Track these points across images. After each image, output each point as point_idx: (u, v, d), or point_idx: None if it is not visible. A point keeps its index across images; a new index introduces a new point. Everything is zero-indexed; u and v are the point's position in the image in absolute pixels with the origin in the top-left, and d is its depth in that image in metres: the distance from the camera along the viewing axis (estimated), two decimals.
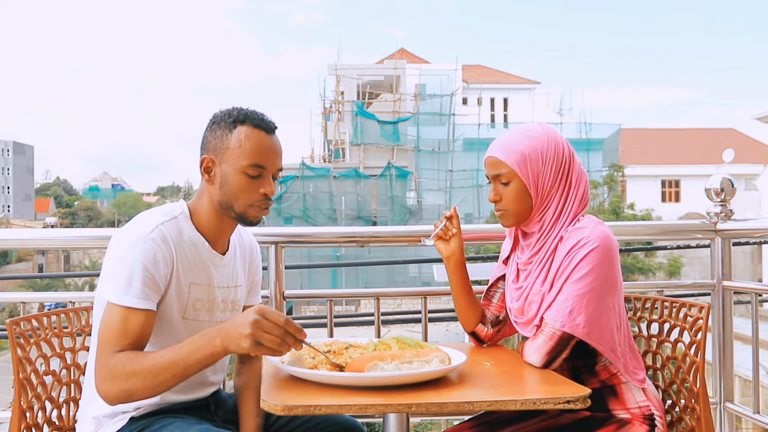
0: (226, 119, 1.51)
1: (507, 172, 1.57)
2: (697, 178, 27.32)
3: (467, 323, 1.73)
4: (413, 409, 1.17)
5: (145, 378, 1.31)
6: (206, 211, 1.54)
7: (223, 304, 1.58)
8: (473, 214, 23.34)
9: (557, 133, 1.60)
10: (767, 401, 7.01)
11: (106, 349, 1.35)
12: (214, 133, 1.52)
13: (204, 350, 1.29)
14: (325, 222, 22.34)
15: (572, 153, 1.60)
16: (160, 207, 1.54)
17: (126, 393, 1.32)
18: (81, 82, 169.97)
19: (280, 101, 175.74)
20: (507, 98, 28.79)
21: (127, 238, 1.42)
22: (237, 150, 1.48)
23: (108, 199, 64.92)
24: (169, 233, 1.46)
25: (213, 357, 1.30)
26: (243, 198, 1.50)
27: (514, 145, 1.57)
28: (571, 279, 1.48)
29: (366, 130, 24.02)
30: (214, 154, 1.51)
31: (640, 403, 1.51)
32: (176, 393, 1.51)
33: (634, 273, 14.98)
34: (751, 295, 2.19)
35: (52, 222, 42.24)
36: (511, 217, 1.60)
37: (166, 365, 1.30)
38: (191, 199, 1.58)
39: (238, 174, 1.49)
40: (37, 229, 2.96)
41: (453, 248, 1.72)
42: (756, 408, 2.12)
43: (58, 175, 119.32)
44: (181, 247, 1.48)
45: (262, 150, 1.50)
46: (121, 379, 1.32)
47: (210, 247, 1.54)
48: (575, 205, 1.57)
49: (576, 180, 1.58)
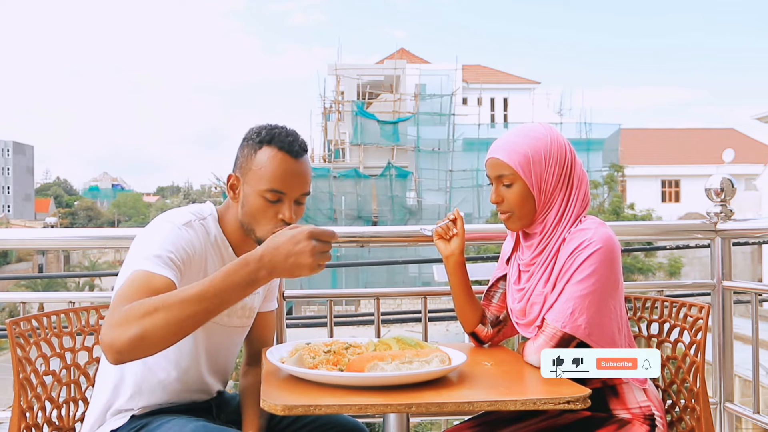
0: (254, 138, 1.48)
1: (510, 174, 1.55)
2: (697, 178, 27.30)
3: (467, 324, 1.73)
4: (413, 409, 1.17)
5: (168, 312, 1.14)
6: (232, 222, 1.54)
7: (242, 310, 1.59)
8: (473, 214, 23.33)
9: (559, 133, 1.59)
10: (767, 401, 7.01)
11: (120, 302, 1.19)
12: (243, 150, 1.50)
13: (244, 280, 1.17)
14: (325, 222, 22.33)
15: (574, 154, 1.59)
16: (188, 206, 1.53)
17: (140, 336, 1.13)
18: (81, 82, 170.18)
19: (280, 101, 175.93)
20: (507, 98, 28.78)
21: (158, 225, 1.42)
22: (258, 172, 1.45)
23: (108, 199, 64.94)
24: (199, 231, 1.46)
25: (254, 287, 1.19)
26: (263, 222, 1.47)
27: (517, 146, 1.55)
28: (573, 280, 1.47)
29: (366, 130, 24.01)
30: (240, 173, 1.50)
31: (641, 403, 1.51)
32: (177, 395, 1.52)
33: (634, 273, 14.98)
34: (751, 295, 2.19)
35: (52, 222, 42.22)
36: (517, 220, 1.59)
37: (197, 297, 1.15)
38: (220, 205, 1.58)
39: (257, 197, 1.46)
40: (37, 229, 2.96)
41: (453, 248, 1.71)
42: (756, 408, 2.12)
43: (58, 175, 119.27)
44: (206, 249, 1.48)
45: (283, 175, 1.45)
46: (136, 318, 1.14)
47: (233, 253, 1.54)
48: (577, 206, 1.56)
49: (578, 181, 1.58)
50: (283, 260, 1.19)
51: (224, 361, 1.63)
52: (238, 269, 1.18)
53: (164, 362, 1.50)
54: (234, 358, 1.68)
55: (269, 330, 1.75)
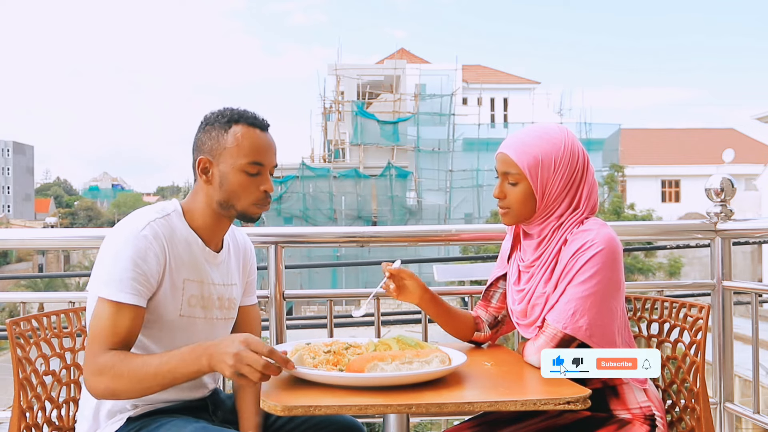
0: (219, 120, 1.53)
1: (516, 173, 1.55)
2: (697, 178, 27.29)
3: (462, 336, 1.72)
4: (413, 409, 1.18)
5: (131, 381, 1.34)
6: (201, 210, 1.55)
7: (219, 301, 1.59)
8: (473, 214, 23.34)
9: (575, 139, 1.57)
10: (767, 401, 7.01)
11: (95, 346, 1.38)
12: (209, 134, 1.53)
13: (191, 366, 1.32)
14: (325, 222, 22.33)
15: (587, 161, 1.56)
16: (153, 205, 1.55)
17: (111, 391, 1.36)
18: (81, 82, 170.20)
19: (280, 101, 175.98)
20: (507, 98, 28.77)
21: (119, 234, 1.44)
22: (234, 149, 1.50)
23: (108, 199, 64.90)
24: (162, 230, 1.47)
25: (199, 373, 1.33)
26: (244, 196, 1.52)
27: (529, 146, 1.54)
28: (575, 281, 1.47)
29: (366, 130, 24.01)
30: (211, 155, 1.52)
31: (641, 403, 1.51)
32: (172, 393, 1.51)
33: (634, 273, 14.98)
34: (751, 295, 2.19)
35: (52, 222, 42.23)
36: (514, 216, 1.59)
37: (152, 374, 1.33)
38: (184, 199, 1.58)
39: (238, 173, 1.50)
40: (37, 229, 2.96)
41: (414, 293, 1.65)
42: (756, 408, 2.12)
43: (58, 175, 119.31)
44: (174, 244, 1.49)
45: (260, 147, 1.52)
46: (108, 377, 1.35)
47: (203, 245, 1.55)
48: (584, 212, 1.55)
49: (588, 190, 1.56)
50: (217, 352, 1.28)
51: None
52: (186, 355, 1.32)
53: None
54: None
55: (254, 324, 1.74)
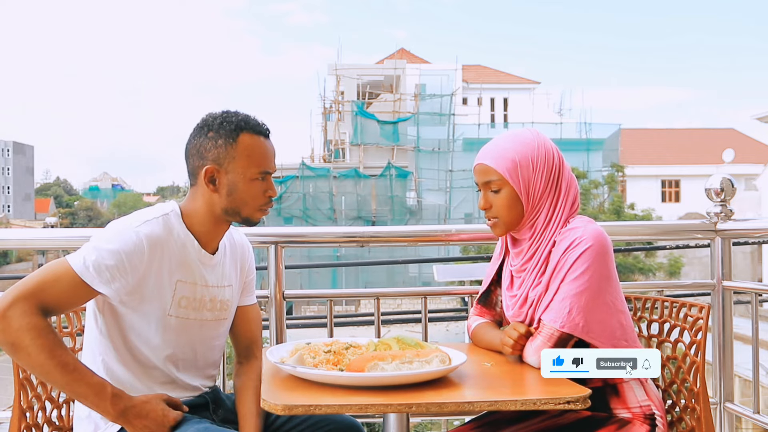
0: (225, 127, 1.52)
1: (497, 179, 1.56)
2: (697, 178, 27.30)
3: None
4: (413, 409, 1.18)
5: (43, 364, 1.33)
6: (201, 215, 1.55)
7: (211, 303, 1.59)
8: (473, 214, 23.33)
9: (547, 139, 1.59)
10: (767, 401, 7.01)
11: (34, 298, 1.35)
12: (214, 141, 1.52)
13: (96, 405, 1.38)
14: (325, 222, 22.34)
15: (562, 159, 1.58)
16: (153, 206, 1.56)
17: (17, 348, 1.32)
18: (81, 81, 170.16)
19: (280, 101, 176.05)
20: (507, 98, 28.78)
21: (115, 225, 1.48)
22: (245, 160, 1.52)
23: (108, 199, 64.84)
24: (157, 230, 1.48)
25: (98, 411, 1.39)
26: (251, 203, 1.55)
27: (504, 151, 1.56)
28: (567, 279, 1.48)
29: (366, 130, 24.02)
30: (218, 164, 1.52)
31: (642, 402, 1.51)
32: (169, 392, 1.52)
33: (634, 273, 14.98)
34: (751, 295, 2.20)
35: (52, 222, 42.18)
36: (503, 225, 1.59)
37: (62, 381, 1.35)
38: (182, 201, 1.59)
39: (249, 182, 1.53)
40: (37, 229, 2.96)
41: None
42: (756, 408, 2.12)
43: (58, 175, 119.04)
44: (168, 245, 1.49)
45: (267, 156, 1.56)
46: (31, 338, 1.32)
47: (199, 247, 1.55)
48: (565, 210, 1.56)
49: (566, 186, 1.57)
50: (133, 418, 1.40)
51: (204, 354, 1.62)
52: (98, 394, 1.37)
53: (139, 359, 1.51)
54: (217, 351, 1.67)
55: (254, 324, 1.74)
